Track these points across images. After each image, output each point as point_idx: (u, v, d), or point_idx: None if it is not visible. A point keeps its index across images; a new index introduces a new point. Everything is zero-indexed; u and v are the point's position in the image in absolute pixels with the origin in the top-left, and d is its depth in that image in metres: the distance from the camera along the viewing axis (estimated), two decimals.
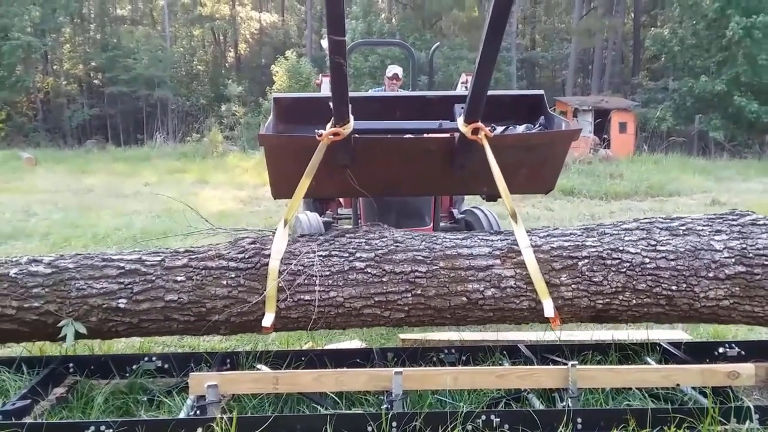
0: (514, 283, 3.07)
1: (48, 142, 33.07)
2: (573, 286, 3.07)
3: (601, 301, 3.08)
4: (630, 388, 3.07)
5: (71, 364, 3.29)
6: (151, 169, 18.51)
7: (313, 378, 2.81)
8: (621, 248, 3.12)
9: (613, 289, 3.06)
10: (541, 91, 3.81)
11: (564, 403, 2.80)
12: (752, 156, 24.40)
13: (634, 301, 3.08)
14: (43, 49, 36.27)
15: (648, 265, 3.07)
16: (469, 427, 2.62)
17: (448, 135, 3.34)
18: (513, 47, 33.97)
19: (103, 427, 2.53)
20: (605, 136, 24.31)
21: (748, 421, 2.71)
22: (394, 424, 2.60)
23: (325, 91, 5.38)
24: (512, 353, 3.46)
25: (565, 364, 2.86)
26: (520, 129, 3.52)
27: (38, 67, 37.97)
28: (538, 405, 2.88)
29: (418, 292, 3.06)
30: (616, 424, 2.64)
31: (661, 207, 11.46)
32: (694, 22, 27.95)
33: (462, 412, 2.62)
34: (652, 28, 33.09)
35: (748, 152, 25.32)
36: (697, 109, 27.16)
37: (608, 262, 3.08)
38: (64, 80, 38.88)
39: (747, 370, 2.90)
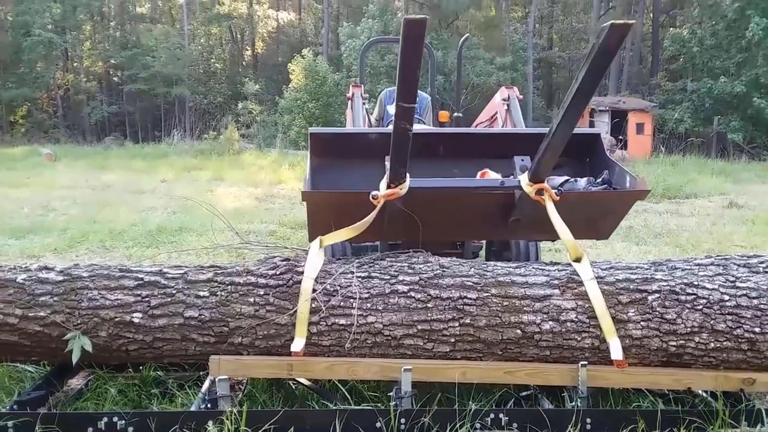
0: (576, 317, 2.81)
1: (67, 138, 33.48)
2: (642, 323, 2.80)
3: (674, 343, 2.80)
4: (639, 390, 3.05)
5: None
6: (168, 166, 18.65)
7: (326, 366, 2.81)
8: (696, 283, 2.86)
9: (689, 329, 2.78)
10: (598, 131, 3.65)
11: (573, 403, 2.80)
12: None
13: (712, 345, 2.78)
14: (63, 47, 36.74)
15: (727, 303, 2.80)
16: (478, 425, 2.63)
17: (506, 192, 3.13)
18: (530, 47, 33.81)
19: (115, 419, 2.57)
20: (621, 137, 24.12)
21: (759, 425, 2.69)
22: (402, 420, 2.61)
23: (357, 105, 5.23)
24: None
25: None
26: (582, 183, 3.34)
27: (59, 64, 38.50)
28: (548, 405, 2.87)
29: (467, 321, 2.81)
30: (626, 425, 2.63)
31: (677, 209, 11.35)
32: (714, 22, 27.68)
33: (471, 409, 2.63)
34: (671, 29, 32.83)
35: (767, 155, 25.00)
36: (715, 110, 26.86)
37: (682, 297, 2.82)
38: (83, 77, 39.34)
39: (763, 377, 2.84)
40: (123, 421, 2.57)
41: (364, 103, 5.27)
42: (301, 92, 28.71)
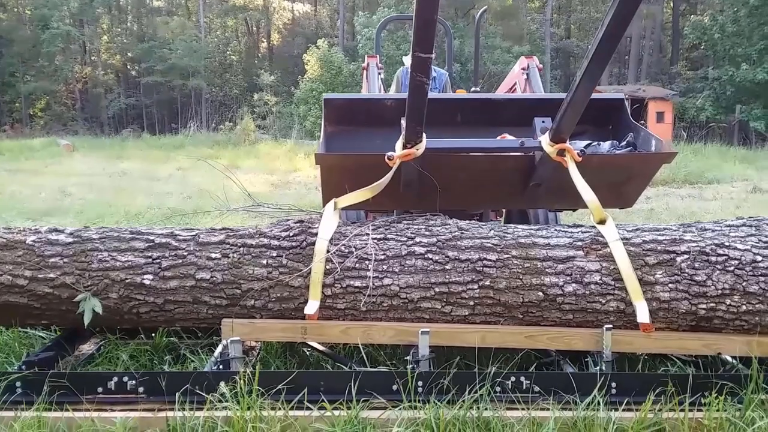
0: (600, 279, 2.70)
1: (86, 130, 33.78)
2: (671, 285, 2.67)
3: (704, 306, 2.67)
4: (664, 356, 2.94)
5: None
6: (184, 155, 18.69)
7: (341, 330, 2.73)
8: (727, 244, 2.73)
9: (719, 291, 2.66)
10: (621, 95, 3.51)
11: (597, 368, 2.68)
12: None
13: (744, 307, 2.66)
14: (81, 40, 37.02)
15: (760, 264, 2.67)
16: (498, 389, 2.53)
17: (526, 153, 3.04)
18: (547, 36, 33.49)
19: (125, 378, 2.51)
20: (642, 121, 23.80)
21: None
22: (420, 383, 2.52)
23: (373, 75, 5.15)
24: None
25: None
26: (605, 146, 3.23)
27: (77, 57, 38.77)
28: (571, 370, 2.76)
29: (487, 283, 2.71)
30: (654, 389, 2.51)
31: (699, 193, 11.15)
32: (735, 9, 27.12)
33: (491, 372, 2.53)
34: (692, 16, 32.25)
35: None
36: (737, 98, 26.37)
37: (712, 258, 2.69)
38: (101, 70, 39.62)
39: None
40: (133, 381, 2.51)
41: (379, 74, 5.17)
42: (317, 83, 28.64)
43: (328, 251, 2.76)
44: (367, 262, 2.76)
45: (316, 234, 2.82)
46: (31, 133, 31.34)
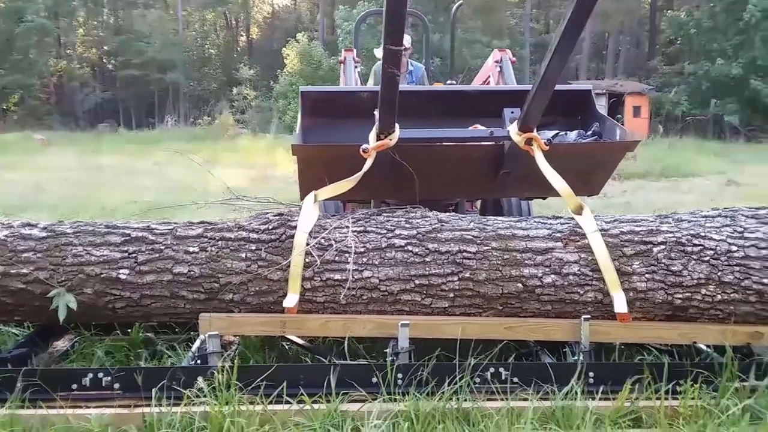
0: (578, 270, 2.71)
1: (61, 125, 33.25)
2: (647, 275, 2.70)
3: (680, 296, 2.69)
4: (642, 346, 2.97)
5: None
6: (162, 150, 18.47)
7: (321, 323, 2.72)
8: (702, 234, 2.75)
9: (695, 281, 2.68)
10: (589, 86, 3.60)
11: (575, 358, 2.70)
12: None
13: (719, 297, 2.68)
14: (56, 33, 36.41)
15: (735, 254, 2.69)
16: (477, 380, 2.54)
17: (495, 143, 3.12)
18: (527, 31, 33.65)
19: (101, 374, 2.47)
20: (619, 116, 24.06)
21: (767, 378, 2.60)
22: (399, 375, 2.51)
23: (350, 68, 5.16)
24: None
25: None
26: (572, 135, 3.31)
27: (51, 50, 38.14)
28: (549, 361, 2.78)
29: (467, 275, 2.71)
30: (630, 378, 2.53)
31: (675, 186, 11.29)
32: (712, 4, 27.57)
33: (470, 364, 2.53)
34: (669, 12, 32.62)
35: (764, 137, 24.94)
36: (712, 93, 26.78)
37: (688, 248, 2.71)
38: (77, 64, 39.03)
39: None
40: (109, 377, 2.46)
41: (356, 67, 5.16)
42: (296, 77, 28.52)
43: (307, 244, 2.74)
44: (346, 254, 2.75)
45: (295, 227, 2.80)
46: (4, 128, 30.73)
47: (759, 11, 24.13)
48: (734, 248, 2.72)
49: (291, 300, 2.68)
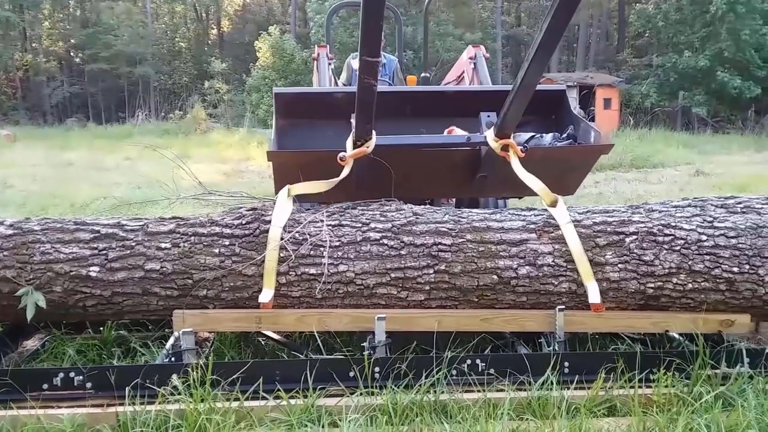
0: (553, 261, 2.74)
1: (27, 120, 32.52)
2: (620, 265, 2.73)
3: (652, 285, 2.74)
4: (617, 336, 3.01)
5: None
6: (133, 145, 18.19)
7: (296, 318, 2.71)
8: (673, 224, 2.79)
9: (666, 270, 2.72)
10: (563, 87, 3.65)
11: (551, 348, 2.73)
12: (735, 131, 24.52)
13: (690, 286, 2.72)
14: (21, 26, 35.54)
15: (705, 243, 2.74)
16: (454, 372, 2.54)
17: (473, 148, 3.16)
18: (498, 24, 33.79)
19: (72, 374, 2.42)
20: (591, 108, 24.34)
21: (739, 365, 2.65)
22: (377, 369, 2.51)
23: (323, 66, 5.13)
24: None
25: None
26: (547, 138, 3.34)
27: (17, 44, 37.20)
28: (525, 351, 2.80)
29: (442, 267, 2.71)
30: (604, 367, 2.57)
31: (645, 177, 11.46)
32: None
33: (447, 356, 2.54)
34: (637, 4, 33.01)
35: (731, 128, 25.43)
36: (680, 85, 27.20)
37: (660, 238, 2.75)
38: (43, 58, 38.14)
39: (742, 318, 2.81)
40: (81, 377, 2.42)
41: (330, 64, 5.14)
42: (269, 70, 28.29)
43: (282, 239, 2.72)
44: (321, 248, 2.73)
45: (269, 221, 2.78)
46: None
47: (725, 3, 24.52)
48: (704, 237, 2.77)
49: (266, 295, 2.66)
